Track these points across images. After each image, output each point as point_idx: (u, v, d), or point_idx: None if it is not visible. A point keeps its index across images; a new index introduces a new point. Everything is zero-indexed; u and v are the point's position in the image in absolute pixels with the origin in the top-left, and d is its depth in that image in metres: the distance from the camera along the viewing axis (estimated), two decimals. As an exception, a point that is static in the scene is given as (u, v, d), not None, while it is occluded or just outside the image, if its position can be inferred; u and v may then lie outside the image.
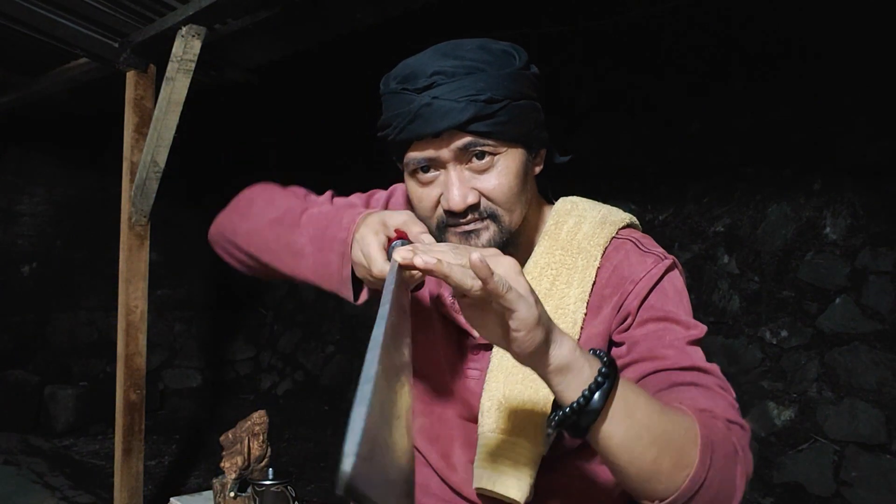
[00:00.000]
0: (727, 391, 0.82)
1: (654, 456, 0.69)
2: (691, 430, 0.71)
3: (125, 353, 2.63)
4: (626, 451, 0.69)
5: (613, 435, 0.68)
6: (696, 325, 0.87)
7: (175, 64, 2.32)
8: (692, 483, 0.69)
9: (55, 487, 3.51)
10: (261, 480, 1.63)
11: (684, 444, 0.70)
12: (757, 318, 3.26)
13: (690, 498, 0.70)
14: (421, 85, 0.82)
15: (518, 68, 0.85)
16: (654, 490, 0.71)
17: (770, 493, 3.05)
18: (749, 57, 3.39)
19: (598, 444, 0.70)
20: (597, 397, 0.67)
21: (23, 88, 3.49)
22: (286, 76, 4.38)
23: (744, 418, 0.82)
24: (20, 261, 4.88)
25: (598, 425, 0.68)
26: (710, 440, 0.71)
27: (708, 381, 0.82)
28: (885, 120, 2.93)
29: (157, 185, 2.52)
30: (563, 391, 0.68)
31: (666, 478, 0.70)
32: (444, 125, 0.81)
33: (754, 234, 3.32)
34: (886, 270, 2.91)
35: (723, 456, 0.72)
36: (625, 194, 3.78)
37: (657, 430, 0.70)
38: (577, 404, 0.67)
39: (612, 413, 0.68)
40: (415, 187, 0.89)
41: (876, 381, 2.88)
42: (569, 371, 0.67)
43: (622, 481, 0.74)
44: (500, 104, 0.82)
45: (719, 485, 0.71)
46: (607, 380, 0.67)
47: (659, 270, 0.90)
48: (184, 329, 5.67)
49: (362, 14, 2.27)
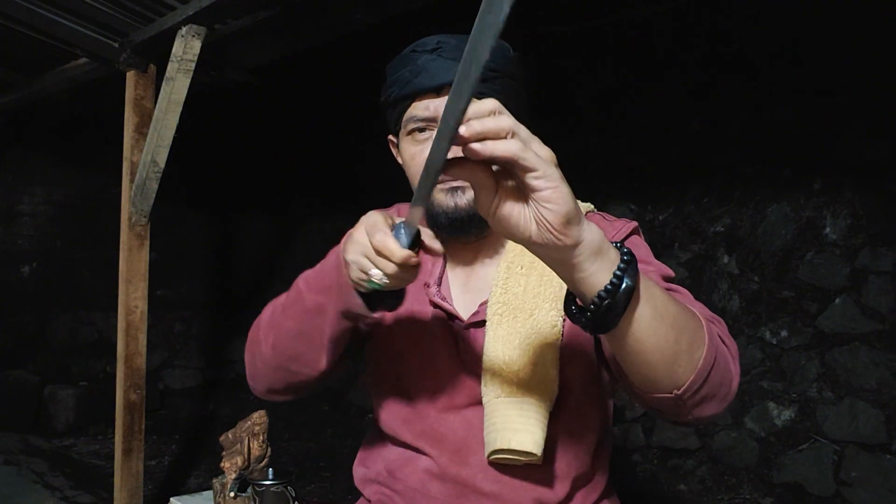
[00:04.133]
0: (703, 306, 0.86)
1: (675, 336, 0.70)
2: (694, 314, 0.74)
3: (125, 353, 2.63)
4: (653, 333, 0.69)
5: (641, 317, 0.68)
6: (666, 267, 0.94)
7: (175, 64, 2.32)
8: (706, 362, 0.72)
9: (55, 487, 3.51)
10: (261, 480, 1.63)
11: (694, 324, 0.73)
12: (757, 318, 3.26)
13: (705, 379, 0.72)
14: (429, 48, 0.94)
15: (511, 57, 0.98)
16: (675, 374, 0.72)
17: (770, 493, 3.05)
18: (749, 57, 3.39)
19: (627, 332, 0.69)
20: (627, 277, 0.65)
21: (23, 88, 3.49)
22: (286, 76, 4.37)
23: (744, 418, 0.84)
24: (20, 261, 4.88)
25: (632, 306, 0.67)
26: (707, 321, 0.75)
27: (684, 294, 0.88)
28: (884, 120, 2.93)
29: (157, 185, 2.52)
30: (592, 275, 0.65)
31: (685, 359, 0.71)
32: (447, 78, 0.90)
33: (754, 234, 3.32)
34: (886, 270, 2.91)
35: (720, 341, 0.76)
36: (625, 194, 3.78)
37: (673, 311, 0.71)
38: (612, 284, 0.65)
39: (641, 292, 0.67)
40: (409, 147, 0.97)
41: (876, 381, 2.88)
42: (601, 253, 0.64)
43: (647, 373, 0.73)
44: (496, 73, 0.93)
45: (724, 366, 0.75)
46: (632, 258, 0.66)
47: (626, 230, 0.99)
48: (184, 329, 5.67)
49: (362, 14, 2.27)
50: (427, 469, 1.01)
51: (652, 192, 3.73)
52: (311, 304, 0.89)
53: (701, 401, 0.74)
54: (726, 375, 0.76)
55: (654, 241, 3.59)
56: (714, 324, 0.79)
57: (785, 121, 3.23)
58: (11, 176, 4.83)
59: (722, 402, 0.76)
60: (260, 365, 0.99)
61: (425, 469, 1.01)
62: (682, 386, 0.72)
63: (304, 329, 0.91)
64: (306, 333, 0.91)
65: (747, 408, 3.18)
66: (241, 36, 2.39)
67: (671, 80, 3.65)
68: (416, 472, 1.02)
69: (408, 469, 1.03)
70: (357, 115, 4.25)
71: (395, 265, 0.71)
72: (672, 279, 0.93)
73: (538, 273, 0.97)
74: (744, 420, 3.18)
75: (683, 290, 0.89)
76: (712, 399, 0.75)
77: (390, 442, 1.07)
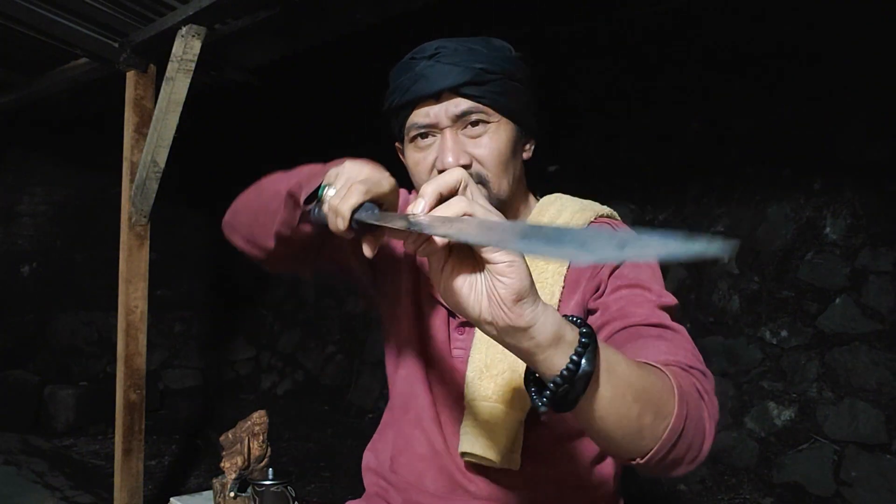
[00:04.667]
0: (694, 347, 0.83)
1: (637, 412, 0.67)
2: (665, 380, 0.71)
3: (125, 353, 2.63)
4: (614, 411, 0.66)
5: (602, 398, 0.65)
6: (668, 295, 0.90)
7: (175, 64, 2.31)
8: (672, 433, 0.69)
9: (55, 487, 3.51)
10: (261, 480, 1.63)
11: (662, 395, 0.69)
12: (757, 318, 3.26)
13: (671, 448, 0.69)
14: (427, 54, 0.95)
15: (512, 57, 0.98)
16: (639, 447, 0.69)
17: (770, 493, 3.05)
18: (749, 57, 3.39)
19: (587, 411, 0.66)
20: (585, 360, 0.62)
21: (23, 88, 3.49)
22: (286, 76, 4.37)
23: (744, 418, 0.83)
24: (20, 261, 4.88)
25: (590, 391, 0.64)
26: (682, 389, 0.71)
27: (673, 336, 0.83)
28: (884, 120, 2.93)
29: (157, 185, 2.52)
30: (548, 359, 0.62)
31: (649, 432, 0.68)
32: (444, 84, 0.92)
33: (754, 234, 3.32)
34: (886, 270, 2.91)
35: (693, 403, 0.72)
36: (625, 194, 3.78)
37: (637, 386, 0.68)
38: (568, 370, 0.62)
39: (602, 372, 0.65)
40: (413, 153, 0.99)
41: (876, 381, 2.88)
42: (558, 336, 0.62)
43: (608, 446, 0.71)
44: (494, 75, 0.94)
45: (694, 431, 0.71)
46: (591, 340, 0.63)
47: None
48: (184, 329, 5.67)
49: (362, 14, 2.27)
50: (423, 457, 1.03)
51: (652, 192, 3.73)
52: (282, 184, 0.93)
53: (667, 466, 0.72)
54: (696, 440, 0.72)
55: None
56: (695, 378, 0.76)
57: (785, 121, 3.23)
58: (11, 176, 4.84)
59: (690, 464, 0.74)
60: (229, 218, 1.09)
61: (421, 458, 1.03)
62: (645, 455, 0.69)
63: (263, 198, 0.98)
64: (265, 207, 0.96)
65: (747, 408, 3.18)
66: (241, 36, 2.39)
67: (671, 81, 3.65)
68: (412, 461, 1.04)
69: (403, 458, 1.05)
70: (357, 115, 4.25)
71: (337, 219, 0.74)
72: (671, 308, 0.88)
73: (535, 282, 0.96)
74: (744, 420, 3.18)
75: (678, 328, 0.85)
76: (679, 463, 0.73)
77: (395, 424, 1.10)
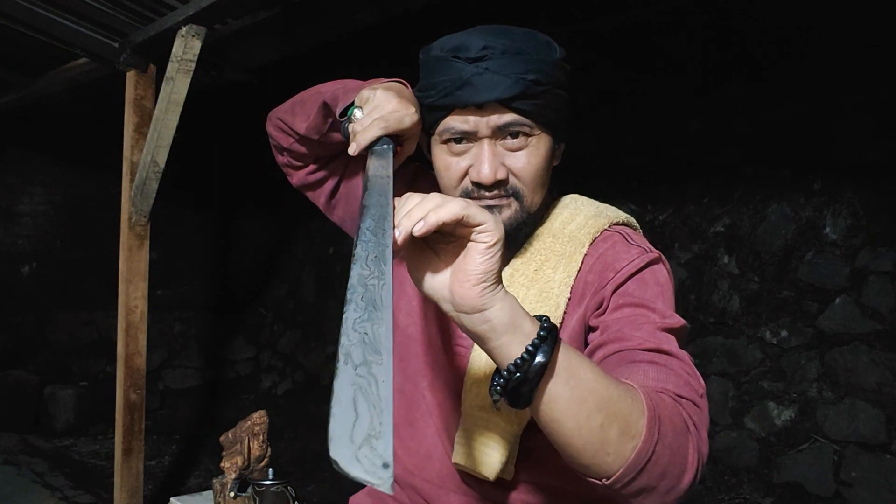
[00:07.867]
0: (692, 376, 0.78)
1: (600, 422, 0.65)
2: (637, 399, 0.68)
3: (125, 353, 2.64)
4: (573, 415, 0.65)
5: (559, 397, 0.65)
6: (674, 316, 0.85)
7: (175, 64, 2.32)
8: (639, 456, 0.66)
9: (55, 487, 3.52)
10: (261, 480, 1.63)
11: (631, 413, 0.67)
12: (757, 318, 3.26)
13: (639, 472, 0.66)
14: (472, 55, 0.86)
15: (558, 59, 0.90)
16: (604, 463, 0.66)
17: (770, 493, 3.05)
18: (749, 57, 3.39)
19: (543, 411, 0.66)
20: (541, 352, 0.63)
21: (23, 88, 3.49)
22: (286, 76, 4.37)
23: (744, 418, 0.81)
24: (20, 261, 4.88)
25: (543, 385, 0.64)
26: (656, 412, 0.68)
27: (669, 362, 0.78)
28: (884, 120, 2.93)
29: (157, 185, 2.52)
30: (504, 346, 0.64)
31: (614, 448, 0.66)
32: (492, 96, 0.85)
33: (754, 234, 3.32)
34: (886, 270, 2.91)
35: (671, 430, 0.68)
36: (625, 194, 3.78)
37: (602, 395, 0.66)
38: (522, 359, 0.63)
39: (558, 371, 0.64)
40: (444, 155, 0.92)
41: (876, 381, 2.88)
42: (513, 325, 0.63)
43: (570, 456, 0.69)
44: (544, 87, 0.87)
45: (669, 459, 0.68)
46: (550, 334, 0.64)
47: (642, 261, 0.90)
48: (184, 329, 5.67)
49: (362, 14, 2.27)
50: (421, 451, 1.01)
51: (652, 192, 3.73)
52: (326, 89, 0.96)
53: (638, 492, 0.68)
54: (672, 470, 0.68)
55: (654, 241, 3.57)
56: (683, 407, 0.73)
57: (785, 121, 3.23)
58: (11, 176, 4.84)
59: (667, 495, 0.69)
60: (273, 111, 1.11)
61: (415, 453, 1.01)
62: (611, 476, 0.67)
63: (305, 98, 1.00)
64: (306, 101, 1.00)
65: (747, 408, 3.18)
66: (241, 36, 2.39)
67: (671, 80, 3.65)
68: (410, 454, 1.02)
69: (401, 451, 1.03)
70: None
71: (352, 145, 0.81)
72: (677, 330, 0.84)
73: (538, 288, 0.93)
74: (744, 420, 3.18)
75: (677, 353, 0.80)
76: (653, 491, 0.69)
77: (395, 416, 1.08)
